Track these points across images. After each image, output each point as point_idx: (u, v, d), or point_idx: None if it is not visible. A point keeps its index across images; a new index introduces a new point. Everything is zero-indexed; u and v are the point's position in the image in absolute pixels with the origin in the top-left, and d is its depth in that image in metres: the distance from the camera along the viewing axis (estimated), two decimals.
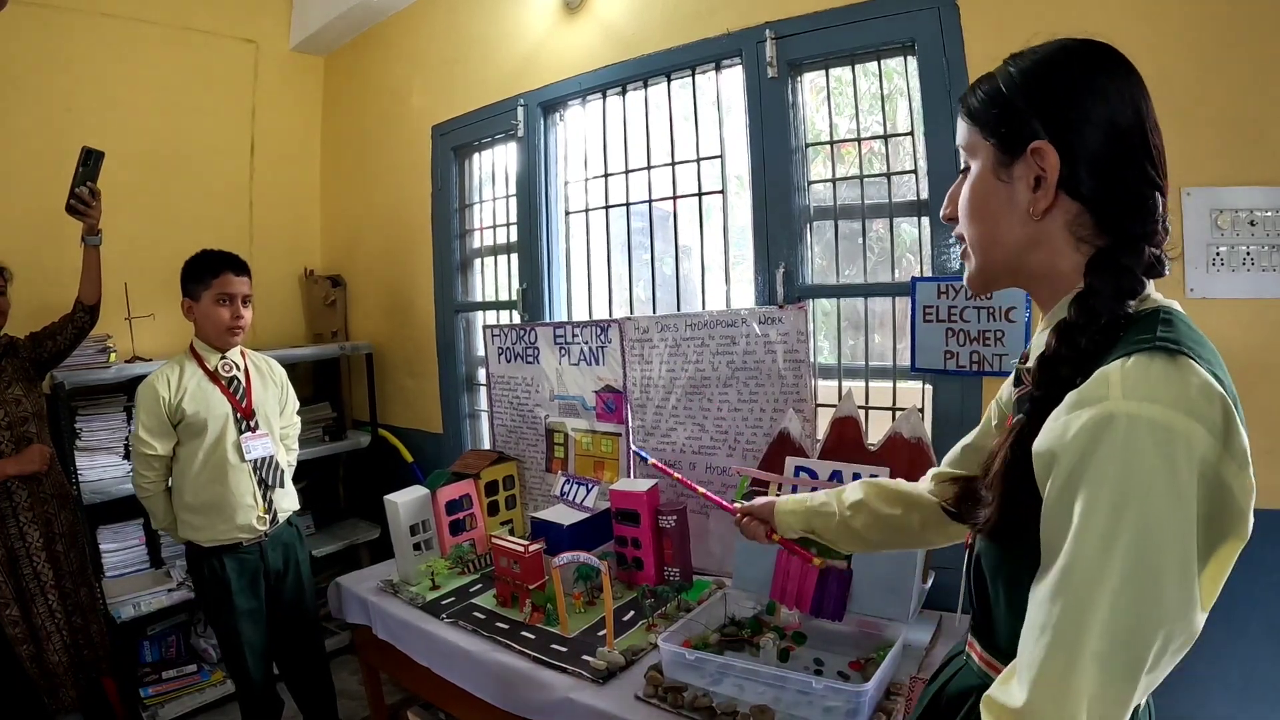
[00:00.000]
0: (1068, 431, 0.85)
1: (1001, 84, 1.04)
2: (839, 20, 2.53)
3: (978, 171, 1.06)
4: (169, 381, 2.72)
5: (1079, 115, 0.97)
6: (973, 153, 1.08)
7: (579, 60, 3.24)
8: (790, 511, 1.61)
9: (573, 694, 2.02)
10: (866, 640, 2.07)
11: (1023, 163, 1.00)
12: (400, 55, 4.15)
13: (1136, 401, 0.82)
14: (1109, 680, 0.80)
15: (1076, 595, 0.82)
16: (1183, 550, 0.80)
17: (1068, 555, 0.83)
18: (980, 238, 1.07)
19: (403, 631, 2.61)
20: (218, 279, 2.75)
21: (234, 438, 2.77)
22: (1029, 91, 1.01)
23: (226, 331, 2.79)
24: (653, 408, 2.93)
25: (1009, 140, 1.02)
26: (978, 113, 1.06)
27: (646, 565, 2.63)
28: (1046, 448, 0.89)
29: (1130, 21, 2.05)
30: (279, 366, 3.09)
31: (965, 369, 2.35)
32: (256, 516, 2.79)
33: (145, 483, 2.74)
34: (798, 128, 2.70)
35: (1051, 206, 0.99)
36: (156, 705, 3.44)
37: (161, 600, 3.43)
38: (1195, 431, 0.81)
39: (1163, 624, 0.80)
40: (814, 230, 2.74)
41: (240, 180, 4.38)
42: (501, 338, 3.45)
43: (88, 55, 3.75)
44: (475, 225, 3.94)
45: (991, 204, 1.05)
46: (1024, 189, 1.01)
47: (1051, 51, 1.03)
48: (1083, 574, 0.82)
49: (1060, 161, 0.97)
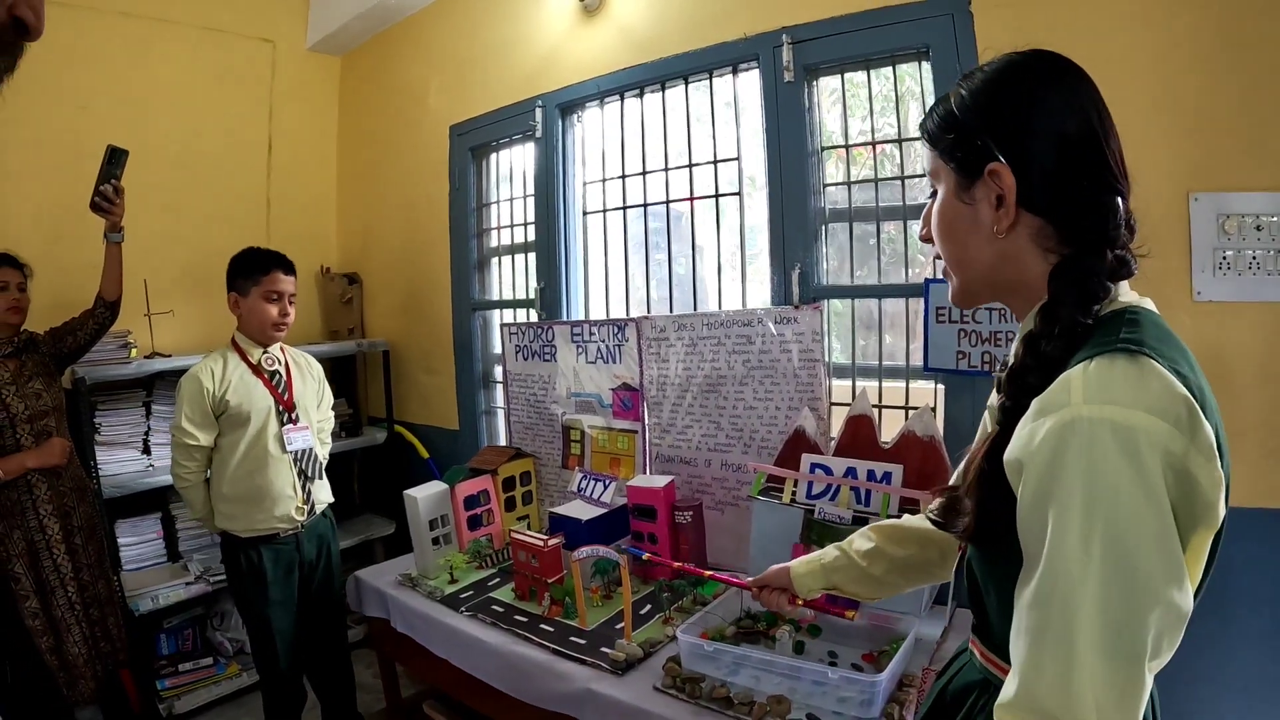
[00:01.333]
0: (1034, 439, 0.88)
1: (955, 107, 1.06)
2: (855, 26, 2.56)
3: (943, 195, 1.09)
4: (213, 373, 2.77)
5: (1027, 131, 0.99)
6: (936, 177, 1.10)
7: (597, 62, 3.27)
8: (807, 574, 1.61)
9: (592, 685, 2.05)
10: (879, 634, 2.10)
11: (982, 184, 1.02)
12: (417, 56, 4.19)
13: (1098, 405, 0.84)
14: (1115, 669, 0.81)
15: (1062, 597, 0.84)
16: (1160, 536, 0.82)
17: (1048, 560, 0.86)
18: (953, 258, 1.10)
19: (421, 624, 2.64)
20: (268, 276, 2.82)
21: (275, 430, 2.83)
22: (979, 112, 1.03)
23: (273, 328, 2.85)
24: (669, 405, 2.96)
25: (966, 163, 1.04)
26: (936, 138, 1.09)
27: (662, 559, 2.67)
28: (1014, 457, 0.92)
29: (1138, 27, 2.07)
30: (316, 363, 3.16)
31: (977, 369, 2.38)
32: (295, 507, 2.85)
33: (185, 473, 2.79)
34: (814, 131, 2.74)
35: (1014, 223, 1.01)
36: (173, 697, 3.47)
37: (179, 593, 3.47)
38: (1158, 427, 0.83)
39: (1154, 608, 0.82)
40: (829, 232, 2.78)
41: (257, 178, 4.42)
42: (519, 336, 3.49)
43: (106, 54, 3.79)
44: (492, 224, 3.97)
45: (958, 226, 1.07)
46: (986, 209, 1.03)
47: (998, 68, 1.05)
48: (1065, 576, 0.84)
49: (1016, 180, 0.99)
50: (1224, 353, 1.99)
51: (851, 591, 1.56)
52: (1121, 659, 0.81)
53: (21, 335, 3.02)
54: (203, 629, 3.83)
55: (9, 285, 2.95)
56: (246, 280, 2.82)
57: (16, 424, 2.89)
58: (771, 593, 1.69)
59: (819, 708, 1.83)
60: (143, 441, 3.63)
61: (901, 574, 1.48)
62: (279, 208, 4.50)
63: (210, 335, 3.90)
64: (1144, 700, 0.82)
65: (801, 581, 1.61)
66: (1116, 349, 0.88)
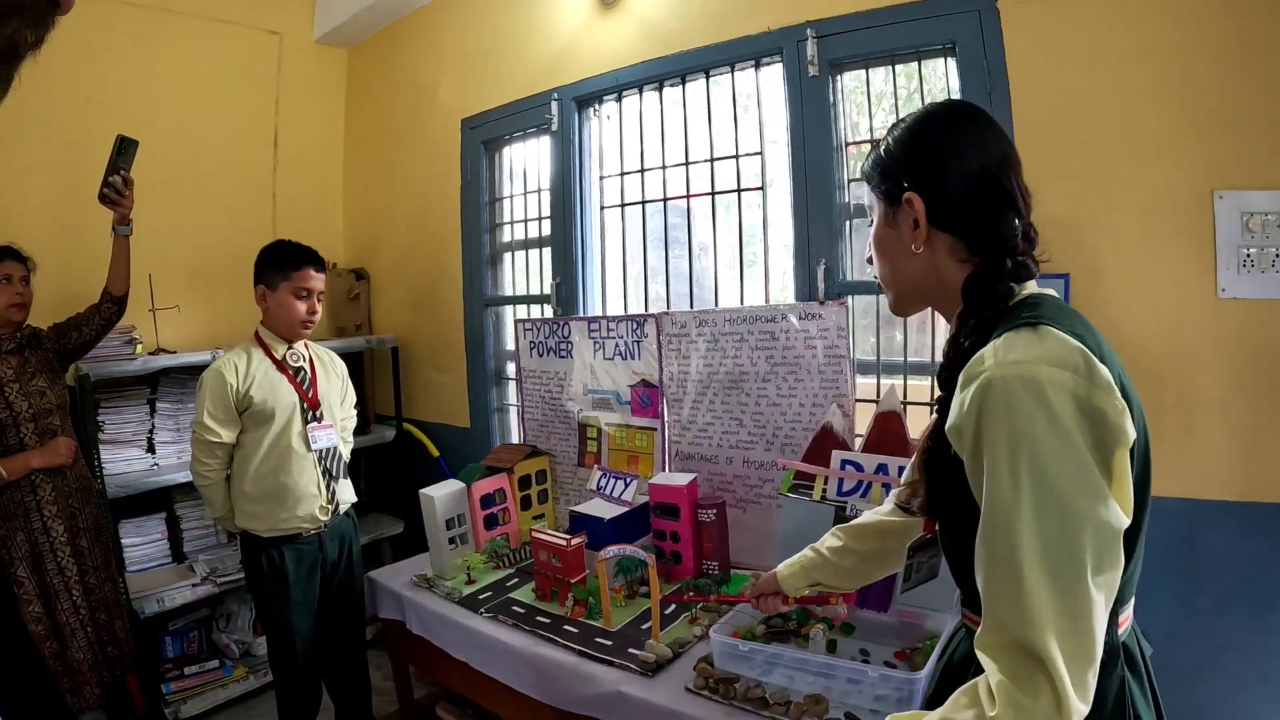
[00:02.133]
0: (962, 406, 1.05)
1: (882, 150, 1.29)
2: (880, 21, 2.54)
3: (876, 221, 1.30)
4: (237, 369, 2.72)
5: (935, 166, 1.20)
6: (871, 207, 1.32)
7: (615, 55, 3.24)
8: (791, 575, 1.83)
9: (623, 687, 2.02)
10: (909, 631, 2.09)
11: (902, 210, 1.23)
12: (428, 48, 4.14)
13: (1007, 365, 1.01)
14: (1060, 583, 0.95)
15: (1003, 529, 0.99)
16: (1077, 464, 0.97)
17: (986, 500, 1.02)
18: (886, 273, 1.32)
19: (439, 626, 2.60)
20: (299, 272, 2.77)
21: (300, 428, 2.78)
22: (900, 152, 1.25)
23: (300, 325, 2.81)
24: (689, 402, 2.93)
25: (890, 194, 1.25)
26: (869, 175, 1.31)
27: (685, 559, 2.64)
28: (952, 424, 1.08)
29: (1163, 26, 2.08)
30: (339, 359, 3.11)
31: None
32: (320, 506, 2.81)
33: (206, 470, 2.74)
34: (838, 126, 2.72)
35: (929, 240, 1.22)
36: (179, 701, 3.42)
37: (186, 595, 3.42)
38: (1060, 376, 0.99)
39: (1087, 526, 0.96)
40: (853, 227, 2.75)
41: (263, 172, 4.37)
42: (534, 331, 3.44)
43: (111, 45, 3.73)
44: (505, 219, 3.94)
45: (888, 246, 1.29)
46: (908, 230, 1.23)
47: (917, 118, 1.27)
48: (1002, 511, 0.99)
49: (925, 205, 1.20)
50: (1248, 349, 2.01)
51: (832, 585, 1.80)
52: (1065, 575, 0.95)
53: (24, 331, 2.95)
54: (208, 631, 3.78)
55: (12, 279, 2.89)
56: (276, 274, 2.77)
57: (20, 422, 2.83)
58: (766, 598, 1.92)
59: (856, 706, 1.81)
60: (147, 440, 3.58)
61: (870, 564, 1.73)
62: (285, 202, 4.44)
63: (216, 331, 3.87)
64: (1096, 613, 0.95)
65: (788, 583, 1.83)
66: (1019, 324, 1.07)
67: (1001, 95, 2.34)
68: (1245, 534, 1.98)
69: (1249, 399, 1.99)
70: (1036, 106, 2.29)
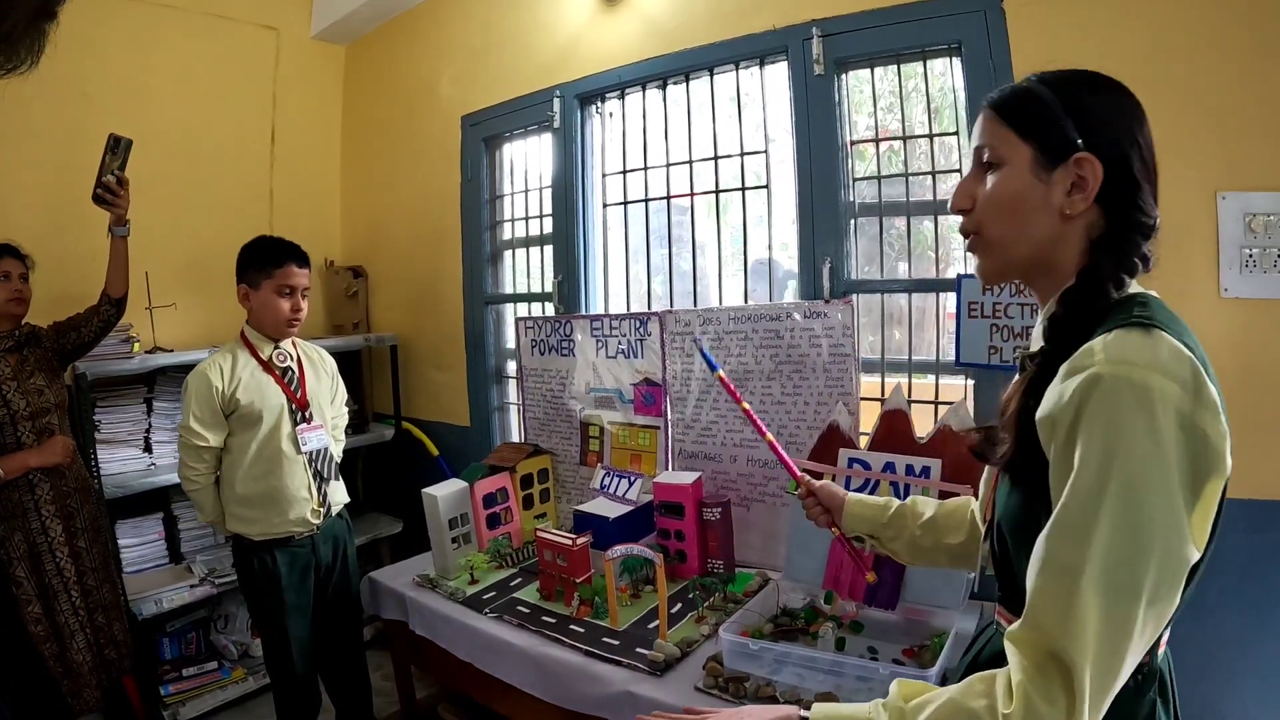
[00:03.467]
0: (1062, 397, 0.98)
1: (1042, 95, 1.14)
2: (886, 20, 2.55)
3: (1011, 170, 1.15)
4: (222, 370, 2.67)
5: (1120, 132, 1.10)
6: (1002, 151, 1.16)
7: (618, 53, 3.23)
8: (859, 513, 1.65)
9: (631, 687, 2.01)
10: (916, 628, 2.10)
11: (1064, 168, 1.10)
12: (428, 44, 4.12)
13: (1118, 364, 0.95)
14: (1110, 604, 0.91)
15: (1074, 531, 0.94)
16: (1165, 487, 0.92)
17: (1065, 498, 0.97)
18: (1008, 232, 1.17)
19: (443, 626, 2.58)
20: (281, 269, 2.71)
21: (289, 429, 2.73)
22: (1073, 106, 1.11)
23: (285, 323, 2.75)
24: (693, 400, 2.93)
25: (1052, 146, 1.12)
26: (1014, 116, 1.16)
27: (690, 557, 2.64)
28: (1047, 413, 1.02)
29: (1169, 28, 2.09)
30: (329, 356, 3.06)
31: (1009, 364, 2.37)
32: (311, 510, 2.76)
33: (194, 475, 2.69)
34: (843, 125, 2.71)
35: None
36: (177, 704, 3.39)
37: (184, 596, 3.39)
38: (1169, 388, 0.93)
39: (1154, 551, 0.92)
40: (858, 226, 2.75)
41: (260, 169, 4.34)
42: (535, 330, 3.43)
43: (107, 39, 3.69)
44: (506, 216, 3.92)
45: (1026, 202, 1.14)
46: (1060, 191, 1.11)
47: (1086, 74, 1.16)
48: (1078, 512, 0.94)
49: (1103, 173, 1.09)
50: (1251, 348, 2.03)
51: (890, 549, 1.63)
52: (1120, 598, 0.91)
53: (23, 329, 2.92)
54: (206, 632, 3.75)
55: (10, 275, 2.86)
56: (258, 272, 2.71)
57: (17, 421, 2.80)
58: (817, 505, 1.72)
59: None
60: (144, 439, 3.54)
61: (945, 556, 1.57)
62: (282, 199, 4.41)
63: (213, 329, 3.83)
64: (1135, 640, 0.92)
65: (852, 515, 1.65)
66: (1131, 323, 1.00)
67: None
68: (1247, 531, 1.99)
69: (1251, 397, 2.00)
70: None
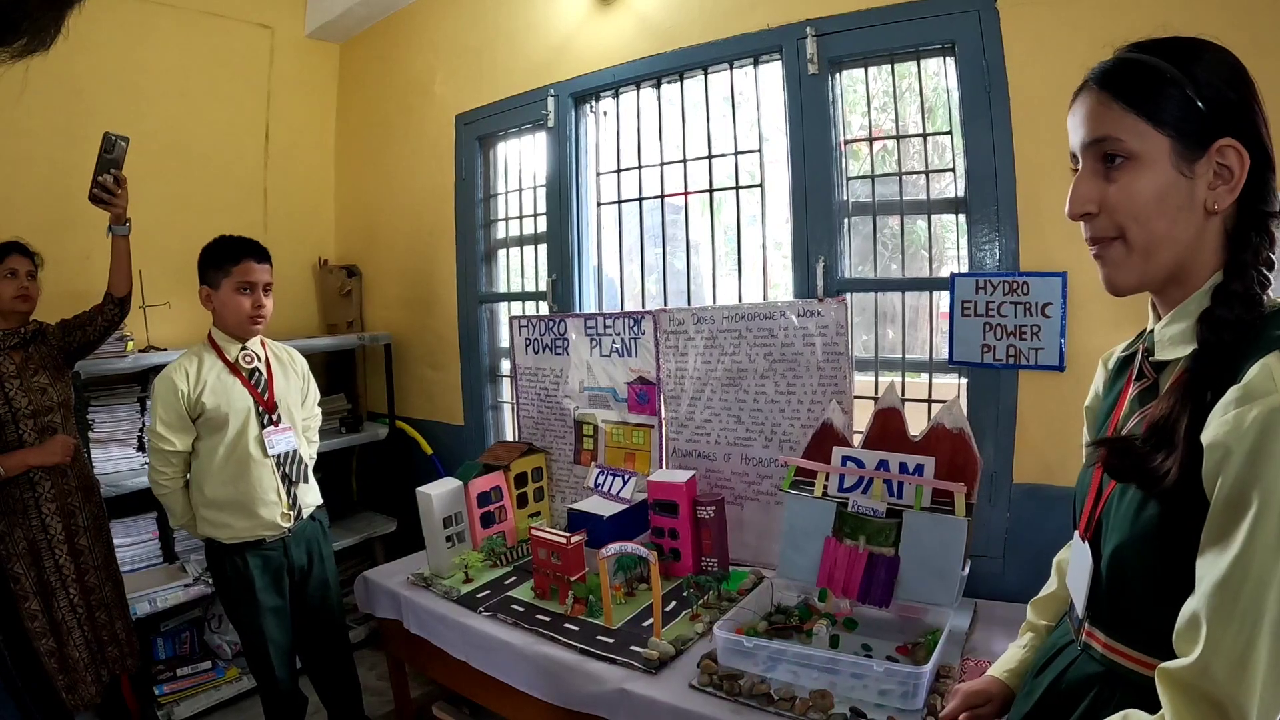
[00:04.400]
0: (1241, 424, 0.88)
1: (1164, 72, 1.02)
2: (880, 19, 2.56)
3: (1151, 167, 1.02)
4: (187, 374, 2.64)
5: (1249, 110, 1.00)
6: (1132, 144, 1.03)
7: (613, 52, 3.23)
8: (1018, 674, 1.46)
9: (627, 685, 2.02)
10: (909, 626, 2.11)
11: (1206, 160, 0.99)
12: (422, 43, 4.12)
13: None
14: (1279, 652, 0.84)
15: (1254, 583, 0.85)
16: None
17: (1245, 544, 0.86)
18: (1154, 237, 1.03)
19: (438, 625, 2.59)
20: (238, 266, 2.67)
21: (256, 432, 2.70)
22: (1203, 83, 1.00)
23: (248, 321, 2.71)
24: (687, 399, 2.93)
25: (1191, 134, 1.00)
26: (1142, 100, 1.02)
27: (684, 556, 2.65)
28: (1219, 440, 0.91)
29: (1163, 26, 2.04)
30: (300, 356, 3.02)
31: (1001, 362, 2.39)
32: (280, 513, 2.73)
33: (163, 479, 2.67)
34: (837, 124, 2.73)
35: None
36: (171, 703, 3.39)
37: (178, 595, 3.39)
38: None
39: None
40: (851, 225, 2.77)
41: (254, 168, 4.34)
42: (529, 329, 3.43)
43: (101, 37, 3.68)
44: (500, 215, 3.93)
45: (1173, 200, 1.01)
46: (1203, 185, 1.00)
47: (1195, 43, 1.04)
48: (1260, 564, 0.85)
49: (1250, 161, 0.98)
50: None
51: None
52: None
53: (30, 326, 2.92)
54: (200, 631, 3.75)
55: (18, 273, 2.87)
56: (216, 272, 2.68)
57: (19, 419, 2.80)
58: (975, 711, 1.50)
59: (861, 701, 1.82)
60: (137, 438, 3.54)
61: None
62: (276, 198, 4.41)
63: (207, 328, 3.81)
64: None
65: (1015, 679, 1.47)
66: None
67: (1000, 95, 2.36)
68: None
69: None
70: (1035, 106, 2.31)
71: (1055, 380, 2.33)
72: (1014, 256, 2.39)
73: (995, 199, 2.40)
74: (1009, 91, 2.35)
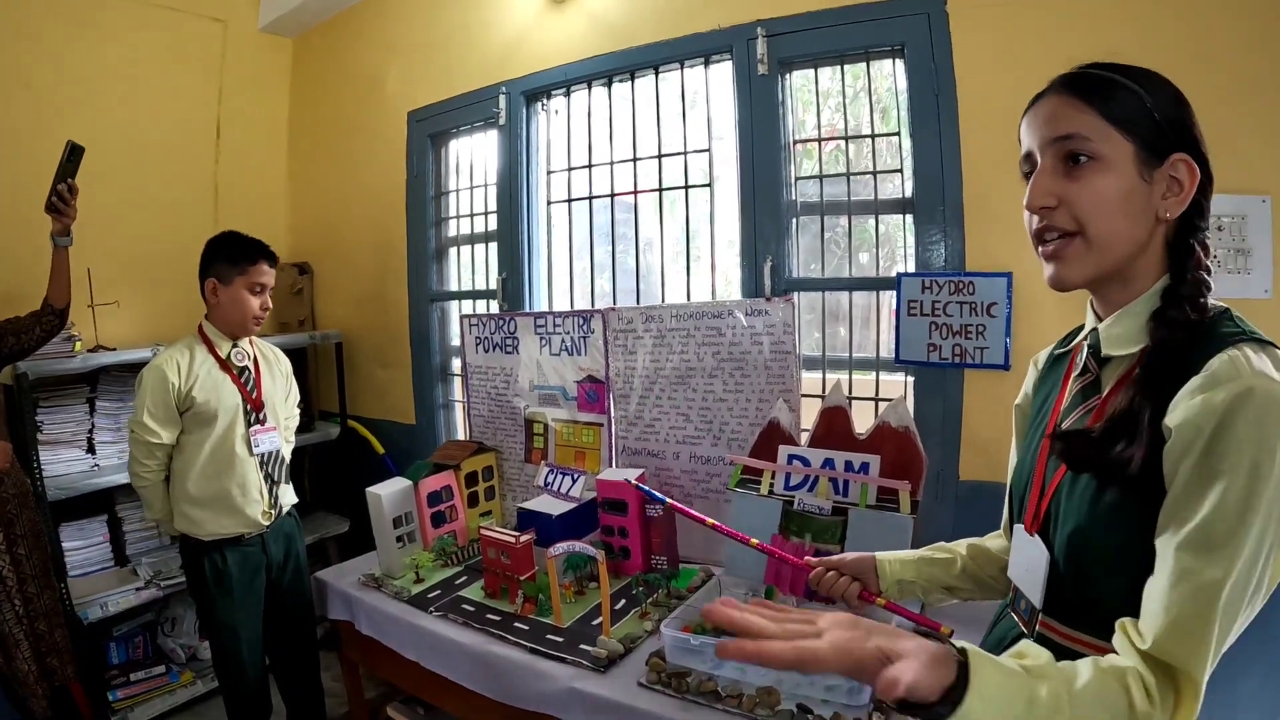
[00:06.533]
0: (1210, 405, 0.93)
1: (1132, 88, 1.08)
2: (831, 21, 2.59)
3: (1117, 169, 1.07)
4: (179, 367, 2.62)
5: (1196, 134, 1.09)
6: (1100, 146, 1.08)
7: (565, 50, 3.24)
8: (898, 562, 1.57)
9: (576, 683, 2.02)
10: None
11: (1162, 170, 1.07)
12: (375, 39, 4.09)
13: (1263, 379, 0.92)
14: (1227, 624, 0.91)
15: (1221, 548, 0.90)
16: None
17: (1210, 510, 0.91)
18: (1114, 235, 1.08)
19: (389, 626, 2.57)
20: (254, 266, 2.68)
21: (243, 430, 2.70)
22: (1166, 106, 1.08)
23: (252, 320, 2.72)
24: (636, 398, 2.94)
25: (1152, 145, 1.07)
26: (1112, 108, 1.08)
27: (634, 554, 2.65)
28: (1189, 420, 0.95)
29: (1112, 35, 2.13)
30: (284, 356, 3.02)
31: (947, 361, 2.42)
32: (262, 511, 2.74)
33: (145, 471, 2.65)
34: (786, 124, 2.75)
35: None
36: (125, 709, 3.34)
37: (130, 599, 3.33)
38: None
39: (1266, 573, 0.93)
40: (800, 225, 2.79)
41: (205, 163, 4.27)
42: (480, 327, 3.42)
43: (49, 29, 3.61)
44: (451, 213, 3.91)
45: (1133, 203, 1.07)
46: (1158, 193, 1.07)
47: (1149, 71, 1.12)
48: (1226, 528, 0.90)
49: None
50: None
51: (942, 591, 1.56)
52: (1234, 617, 0.91)
53: None
54: (154, 636, 3.70)
55: None
56: (231, 268, 2.67)
57: None
58: (838, 577, 1.61)
59: (807, 697, 1.83)
60: (87, 440, 3.49)
61: (1000, 583, 1.48)
62: (227, 195, 4.34)
63: (157, 327, 3.78)
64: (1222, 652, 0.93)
65: (890, 570, 1.56)
66: (1251, 339, 0.99)
67: (949, 97, 2.39)
68: None
69: None
70: (984, 109, 2.35)
71: (1000, 379, 2.36)
72: (960, 257, 2.42)
73: (942, 200, 2.43)
74: (957, 94, 2.39)
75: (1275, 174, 2.03)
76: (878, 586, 1.57)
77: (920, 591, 1.56)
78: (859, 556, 1.61)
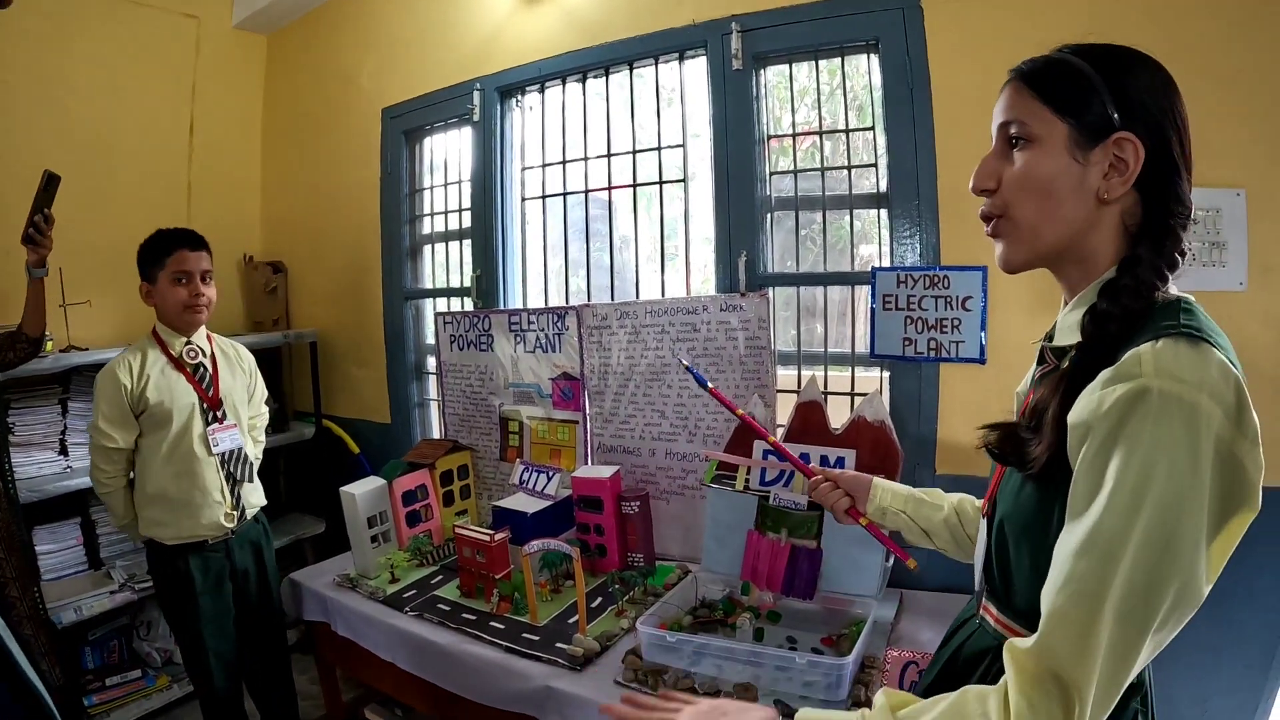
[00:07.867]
0: (1103, 404, 0.92)
1: (1079, 67, 1.07)
2: (805, 16, 2.59)
3: (1046, 149, 1.07)
4: (131, 368, 2.58)
5: (1160, 115, 1.03)
6: (1034, 129, 1.08)
7: (539, 45, 3.22)
8: (889, 490, 1.62)
9: (552, 682, 2.02)
10: (834, 618, 2.13)
11: (1101, 148, 1.03)
12: (349, 36, 4.06)
13: (1168, 379, 0.88)
14: (1123, 632, 0.88)
15: (1103, 551, 0.89)
16: (1196, 517, 0.88)
17: (1097, 512, 0.91)
18: (1040, 215, 1.08)
19: (365, 627, 2.55)
20: (172, 257, 2.61)
21: (200, 429, 2.65)
22: (1114, 83, 1.04)
23: (186, 310, 2.64)
24: (611, 394, 2.94)
25: (1090, 125, 1.04)
26: (1048, 89, 1.08)
27: (610, 551, 2.65)
28: (1082, 419, 0.95)
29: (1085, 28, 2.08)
30: (247, 352, 2.96)
31: (923, 355, 2.42)
32: (224, 513, 2.68)
33: (105, 477, 2.61)
34: (760, 120, 2.74)
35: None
36: (101, 714, 3.30)
37: (104, 603, 3.27)
38: (1214, 412, 0.87)
39: (1175, 581, 0.88)
40: (774, 220, 2.78)
41: (179, 161, 4.21)
42: (454, 325, 3.40)
43: (22, 24, 3.53)
44: (426, 210, 3.89)
45: (1061, 183, 1.06)
46: (1097, 173, 1.04)
47: (1123, 49, 1.09)
48: (1110, 531, 0.89)
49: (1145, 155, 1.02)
50: None
51: (920, 531, 1.59)
52: (1133, 624, 0.88)
53: None
54: (129, 639, 3.65)
55: None
56: (153, 266, 2.63)
57: None
58: (834, 490, 1.68)
59: (785, 693, 1.84)
60: (59, 441, 3.43)
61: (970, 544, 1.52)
62: (200, 192, 4.28)
63: (130, 327, 3.72)
64: (1136, 666, 0.90)
65: (880, 495, 1.62)
66: (1180, 333, 0.93)
67: (923, 92, 2.40)
68: None
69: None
70: (957, 103, 2.36)
71: (976, 372, 2.37)
72: (935, 251, 2.42)
73: (917, 194, 2.44)
74: (931, 89, 2.40)
75: (1249, 167, 2.03)
76: (866, 508, 1.63)
77: (901, 525, 1.61)
78: (858, 475, 1.68)
